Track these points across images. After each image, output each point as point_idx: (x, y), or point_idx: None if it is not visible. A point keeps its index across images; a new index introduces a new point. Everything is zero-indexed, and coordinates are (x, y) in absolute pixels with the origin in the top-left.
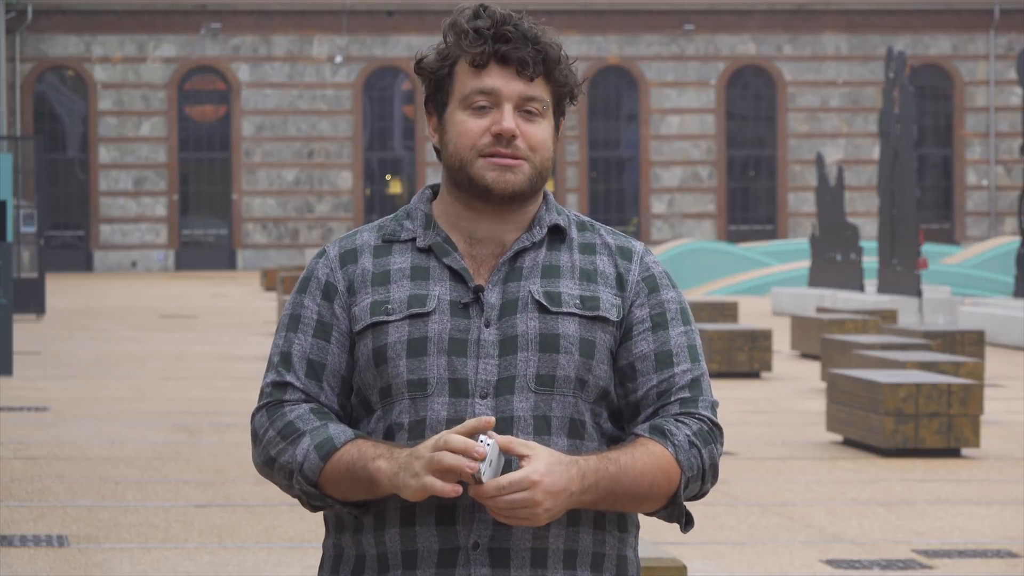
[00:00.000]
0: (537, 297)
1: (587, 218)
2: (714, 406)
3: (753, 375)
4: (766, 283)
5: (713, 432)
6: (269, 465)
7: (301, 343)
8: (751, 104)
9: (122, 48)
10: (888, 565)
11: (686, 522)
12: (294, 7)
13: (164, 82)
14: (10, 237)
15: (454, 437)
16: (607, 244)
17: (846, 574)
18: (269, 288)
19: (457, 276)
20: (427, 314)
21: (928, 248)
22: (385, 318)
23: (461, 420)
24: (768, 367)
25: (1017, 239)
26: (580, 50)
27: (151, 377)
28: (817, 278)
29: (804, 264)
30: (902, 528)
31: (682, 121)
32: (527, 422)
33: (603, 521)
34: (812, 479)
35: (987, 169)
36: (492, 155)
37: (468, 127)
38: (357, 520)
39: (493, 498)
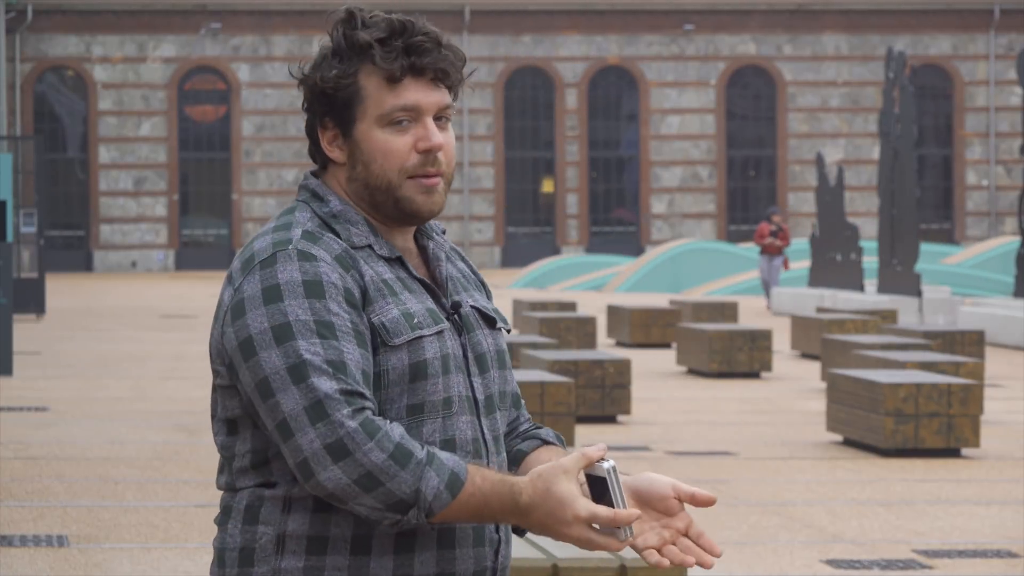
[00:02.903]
0: (485, 312)
1: None
2: None
3: (753, 375)
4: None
5: None
6: (366, 487)
7: (351, 352)
8: (751, 104)
9: (122, 48)
10: (888, 565)
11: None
12: (294, 7)
13: (164, 82)
14: (10, 237)
15: (603, 514)
16: (453, 249)
17: (846, 574)
18: None
19: (428, 289)
20: (444, 330)
21: (928, 248)
22: (422, 332)
23: (478, 439)
24: (768, 367)
25: (1017, 239)
26: (580, 50)
27: (151, 377)
28: (817, 278)
29: (804, 264)
30: (902, 528)
31: (682, 121)
32: (502, 440)
33: None
34: (812, 479)
35: (987, 169)
36: (423, 176)
37: (393, 146)
38: (357, 541)
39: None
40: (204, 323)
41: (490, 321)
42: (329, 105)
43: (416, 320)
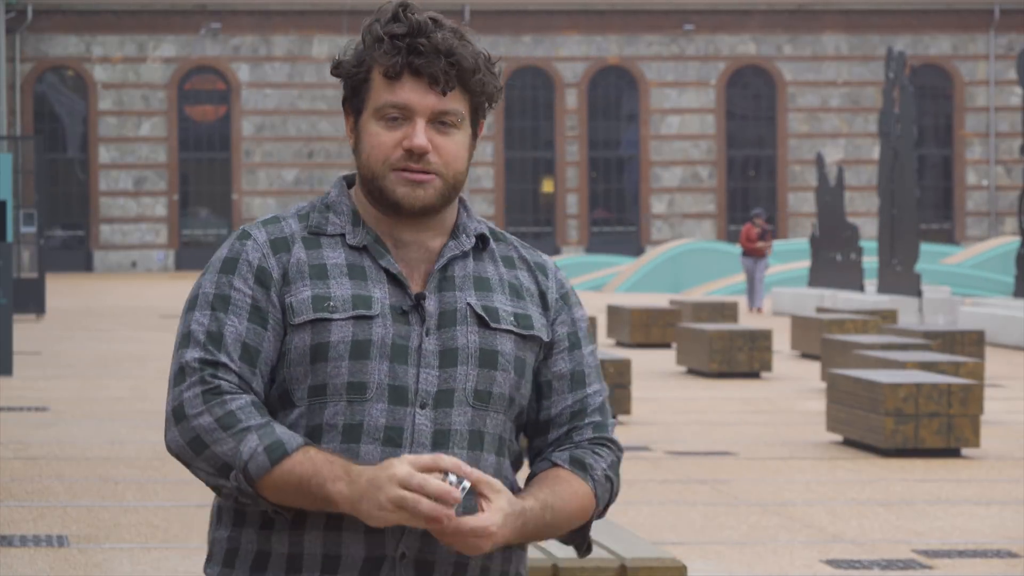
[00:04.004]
0: (478, 311)
1: (497, 228)
2: (615, 426)
3: (753, 375)
4: (766, 283)
5: (620, 459)
6: (196, 450)
7: (235, 325)
8: (751, 104)
9: (122, 48)
10: (888, 565)
11: (585, 548)
12: (294, 7)
13: (164, 82)
14: (10, 237)
15: (431, 482)
16: (524, 259)
17: (846, 574)
18: None
19: (394, 280)
20: (372, 317)
21: (928, 248)
22: (329, 315)
23: (399, 428)
24: (768, 367)
25: (1017, 239)
26: (580, 50)
27: (151, 377)
28: (817, 278)
29: (804, 264)
30: (902, 528)
31: (682, 121)
32: (463, 436)
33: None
34: (812, 479)
35: (987, 169)
36: (404, 169)
37: (381, 139)
38: (266, 516)
39: (447, 534)
40: None
41: (483, 321)
42: (348, 92)
43: (329, 304)
